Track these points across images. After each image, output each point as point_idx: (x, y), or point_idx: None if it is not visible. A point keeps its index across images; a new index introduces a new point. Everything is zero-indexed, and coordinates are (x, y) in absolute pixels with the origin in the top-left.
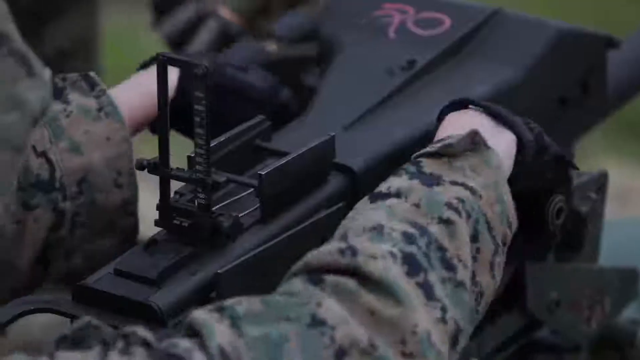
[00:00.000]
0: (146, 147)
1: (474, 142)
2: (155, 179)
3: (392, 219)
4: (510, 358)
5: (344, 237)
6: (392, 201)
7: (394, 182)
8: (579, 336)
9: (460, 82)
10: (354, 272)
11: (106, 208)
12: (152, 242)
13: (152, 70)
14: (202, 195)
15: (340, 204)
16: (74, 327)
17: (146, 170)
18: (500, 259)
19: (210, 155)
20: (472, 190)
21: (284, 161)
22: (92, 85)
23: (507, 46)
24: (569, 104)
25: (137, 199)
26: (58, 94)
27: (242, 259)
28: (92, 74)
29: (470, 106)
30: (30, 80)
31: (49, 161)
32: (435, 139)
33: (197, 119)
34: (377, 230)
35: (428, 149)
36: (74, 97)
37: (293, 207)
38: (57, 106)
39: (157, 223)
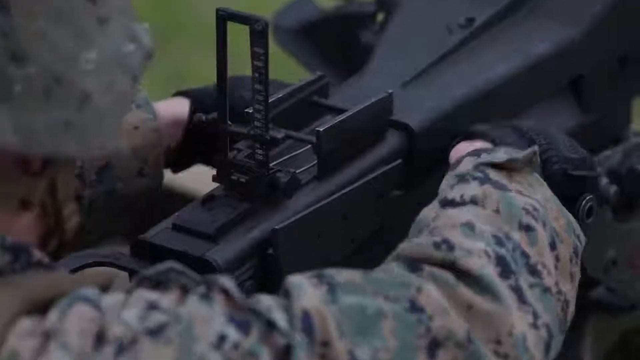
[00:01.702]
0: None
1: (532, 161)
2: None
3: (478, 221)
4: None
5: (434, 232)
6: (470, 208)
7: (466, 190)
8: (635, 295)
9: (519, 40)
10: (451, 267)
11: (126, 196)
12: (210, 197)
13: (182, 102)
14: (259, 151)
15: (397, 162)
16: (157, 269)
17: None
18: (576, 270)
19: (269, 112)
20: (538, 202)
21: (342, 118)
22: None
23: (568, 5)
24: (629, 63)
25: (160, 187)
26: None
27: (299, 215)
28: None
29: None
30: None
31: None
32: (451, 161)
33: (256, 74)
34: (469, 227)
35: (490, 158)
36: None
37: (350, 164)
38: None
39: (215, 179)
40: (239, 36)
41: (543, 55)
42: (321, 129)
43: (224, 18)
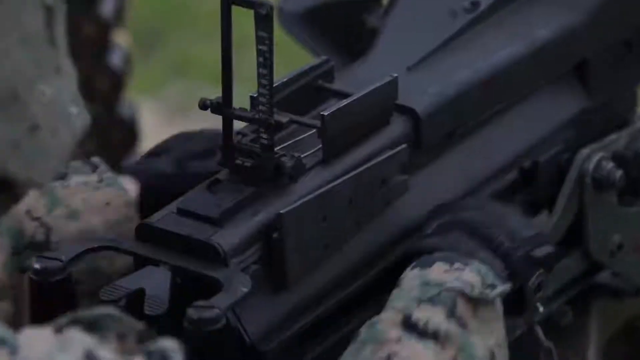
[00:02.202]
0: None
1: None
2: (213, 120)
3: None
4: (570, 302)
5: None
6: (431, 345)
7: (432, 316)
8: None
9: (524, 24)
10: None
11: (111, 273)
12: (215, 181)
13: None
14: (264, 136)
15: (402, 146)
16: (93, 313)
17: (209, 110)
18: None
19: (273, 96)
20: (492, 350)
21: (347, 102)
22: (95, 167)
23: None
24: (634, 47)
25: None
26: (60, 178)
27: (304, 199)
28: (95, 159)
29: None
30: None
31: (44, 225)
32: None
33: (261, 59)
34: None
35: (461, 286)
36: (75, 177)
37: (355, 148)
38: (56, 182)
39: (219, 163)
40: (243, 20)
41: (548, 39)
42: (326, 113)
43: (228, 2)
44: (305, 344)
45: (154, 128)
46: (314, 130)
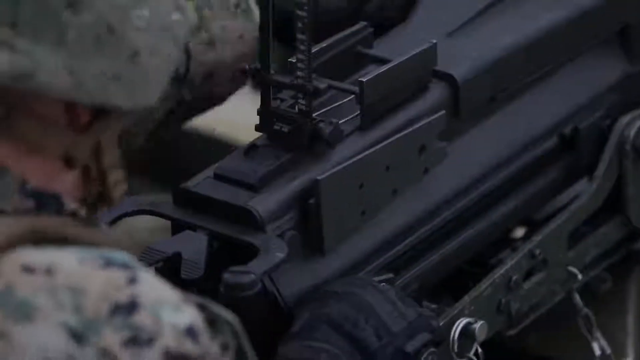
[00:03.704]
0: None
1: None
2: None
3: None
4: (609, 268)
5: None
6: None
7: None
8: None
9: None
10: None
11: (220, 97)
12: (252, 147)
13: None
14: (302, 101)
15: (440, 113)
16: (218, 311)
17: (247, 75)
18: None
19: (312, 61)
20: None
21: (385, 68)
22: None
23: None
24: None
25: None
26: None
27: (342, 165)
28: None
29: None
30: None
31: (188, 54)
32: None
33: (299, 24)
34: None
35: None
36: None
37: (393, 115)
38: None
39: (257, 128)
40: None
41: (590, 5)
42: (364, 80)
43: None
44: None
45: None
46: (352, 96)
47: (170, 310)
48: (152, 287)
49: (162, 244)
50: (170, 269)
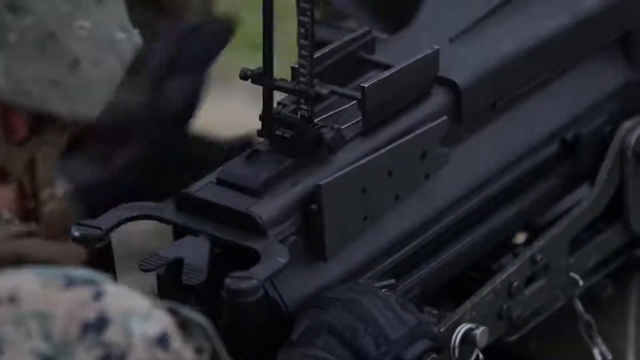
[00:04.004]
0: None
1: None
2: (253, 89)
3: None
4: (610, 275)
5: None
6: None
7: None
8: None
9: None
10: None
11: None
12: (255, 152)
13: None
14: (304, 107)
15: (442, 119)
16: (190, 314)
17: (249, 80)
18: None
19: (314, 67)
20: None
21: (387, 74)
22: None
23: None
24: None
25: None
26: None
27: (344, 171)
28: None
29: None
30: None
31: None
32: None
33: (302, 30)
34: None
35: None
36: None
37: (395, 120)
38: None
39: (259, 133)
40: None
41: (592, 11)
42: (366, 85)
43: None
44: None
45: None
46: (355, 101)
47: (140, 320)
48: (119, 298)
49: (164, 249)
50: (172, 274)
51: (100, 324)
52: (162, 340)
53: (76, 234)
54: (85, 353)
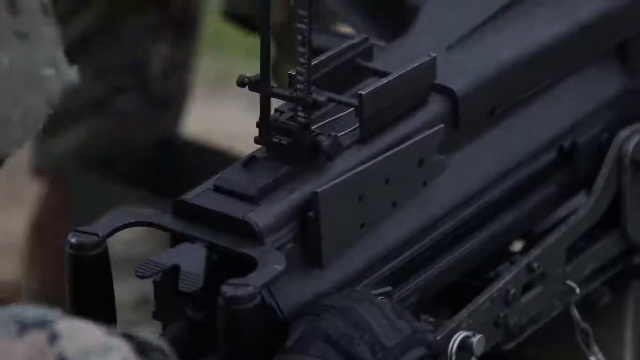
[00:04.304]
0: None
1: None
2: (250, 96)
3: None
4: (607, 283)
5: None
6: None
7: None
8: None
9: (566, 3)
10: None
11: None
12: (251, 159)
13: None
14: (302, 114)
15: (439, 126)
16: (148, 339)
17: (247, 87)
18: None
19: (311, 74)
20: None
21: (385, 81)
22: None
23: None
24: None
25: None
26: None
27: (341, 178)
28: None
29: None
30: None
31: None
32: None
33: (299, 37)
34: None
35: None
36: None
37: (392, 127)
38: None
39: (256, 140)
40: None
41: (590, 19)
42: (364, 92)
43: None
44: None
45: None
46: (352, 109)
47: (99, 356)
48: (74, 337)
49: (160, 256)
50: (168, 281)
51: None
52: None
53: (73, 240)
54: None
